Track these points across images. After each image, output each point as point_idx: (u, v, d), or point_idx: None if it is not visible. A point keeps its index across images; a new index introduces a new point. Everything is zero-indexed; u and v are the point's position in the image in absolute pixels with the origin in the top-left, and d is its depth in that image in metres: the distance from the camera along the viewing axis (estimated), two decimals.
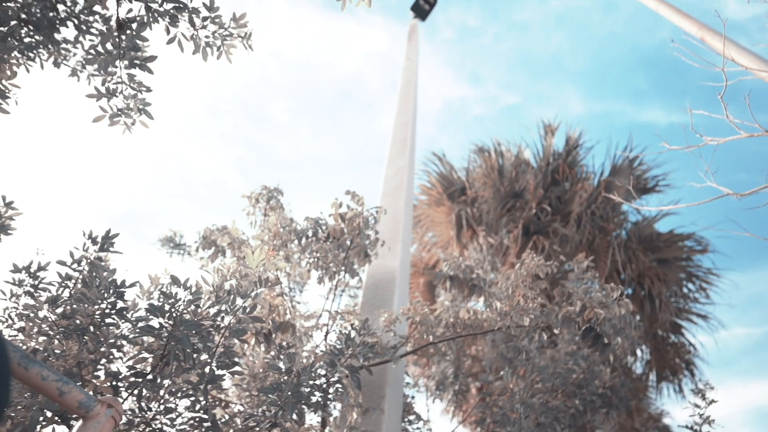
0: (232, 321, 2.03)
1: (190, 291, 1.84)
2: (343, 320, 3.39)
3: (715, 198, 2.72)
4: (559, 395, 3.25)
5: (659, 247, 9.15)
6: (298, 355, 2.10)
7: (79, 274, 2.49)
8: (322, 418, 2.84)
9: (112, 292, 2.01)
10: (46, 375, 1.24)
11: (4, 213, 2.65)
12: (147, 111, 3.25)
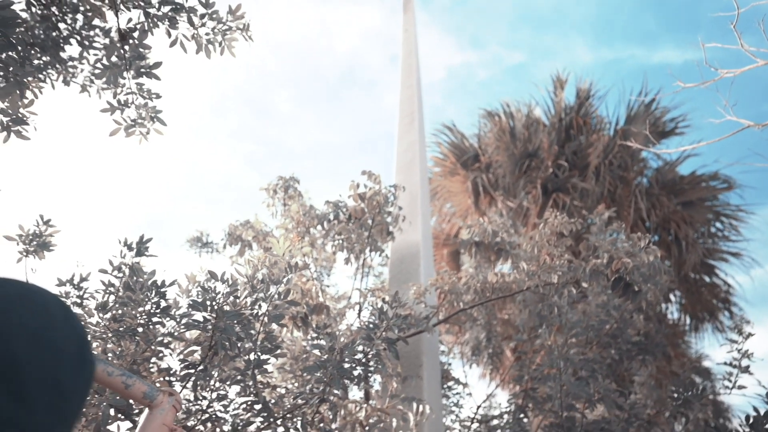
0: (269, 308, 2.12)
1: (227, 284, 1.93)
2: (373, 297, 3.48)
3: (736, 132, 2.66)
4: (594, 347, 3.29)
5: (683, 190, 8.96)
6: (337, 333, 2.19)
7: (120, 281, 2.62)
8: (365, 390, 2.96)
9: (155, 293, 2.12)
10: (111, 371, 1.34)
11: (44, 231, 2.79)
12: (160, 118, 3.31)
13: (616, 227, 3.04)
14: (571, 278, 2.63)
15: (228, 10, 3.06)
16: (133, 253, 2.64)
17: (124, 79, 3.27)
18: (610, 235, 3.12)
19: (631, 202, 8.60)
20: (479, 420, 4.92)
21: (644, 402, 3.43)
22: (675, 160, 8.97)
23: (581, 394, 2.76)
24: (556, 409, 2.84)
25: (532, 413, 4.51)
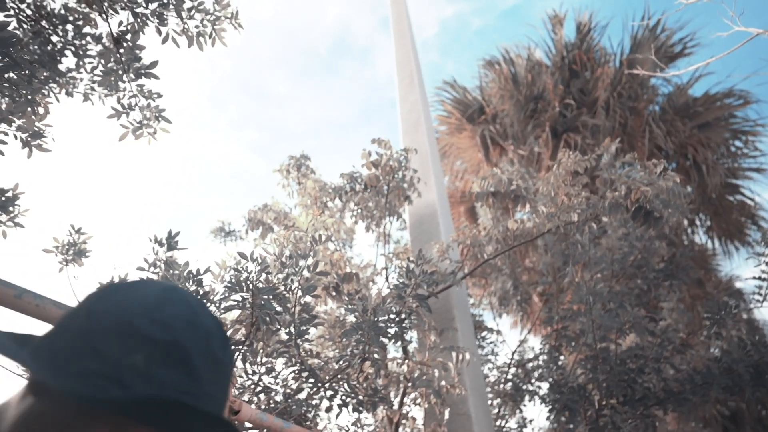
0: (300, 281, 2.22)
1: (257, 263, 2.02)
2: (398, 260, 3.56)
3: (745, 42, 2.58)
4: (620, 280, 3.33)
5: (697, 113, 8.71)
6: (368, 297, 2.28)
7: (157, 275, 2.75)
8: (403, 348, 3.09)
9: (192, 282, 2.23)
10: None
11: (78, 240, 2.92)
12: (164, 117, 3.35)
13: (629, 158, 3.01)
14: (591, 214, 2.65)
15: (214, 0, 3.04)
16: (164, 249, 2.76)
17: (124, 82, 3.31)
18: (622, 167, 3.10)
19: (644, 132, 8.41)
20: (515, 365, 5.07)
21: (675, 326, 3.49)
22: (686, 82, 8.68)
23: (612, 326, 2.83)
24: (590, 342, 2.92)
25: (566, 351, 4.63)
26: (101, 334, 0.43)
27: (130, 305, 0.45)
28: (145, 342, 0.43)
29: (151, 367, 0.42)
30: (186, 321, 0.45)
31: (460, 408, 2.98)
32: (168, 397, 0.41)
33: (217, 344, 0.47)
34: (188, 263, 2.24)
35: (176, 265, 2.33)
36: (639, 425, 3.24)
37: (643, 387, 3.10)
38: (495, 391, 4.92)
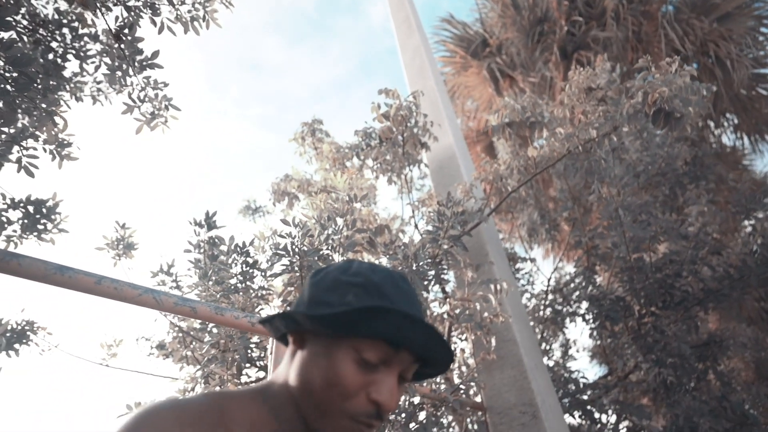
0: (341, 239, 2.34)
1: (299, 228, 2.14)
2: (424, 207, 3.64)
3: None
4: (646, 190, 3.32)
5: (715, 5, 8.17)
6: (408, 244, 2.39)
7: (203, 255, 2.93)
8: (442, 288, 3.23)
9: (239, 255, 2.39)
10: (237, 315, 1.62)
11: (124, 235, 3.12)
12: (173, 105, 3.42)
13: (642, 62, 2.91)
14: (610, 127, 2.62)
15: None
16: (205, 229, 2.92)
17: (131, 76, 3.37)
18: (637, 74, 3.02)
19: (660, 37, 7.99)
20: (552, 291, 5.21)
21: (708, 228, 3.50)
22: None
23: (644, 236, 2.88)
24: (623, 255, 2.98)
25: (601, 269, 4.72)
26: (324, 290, 0.67)
27: (333, 271, 0.69)
28: (350, 286, 0.66)
29: (359, 298, 0.64)
30: (370, 270, 0.68)
31: (505, 335, 3.14)
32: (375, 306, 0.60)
33: (398, 279, 0.69)
34: (233, 237, 2.38)
35: (221, 241, 2.48)
36: (681, 327, 3.35)
37: (681, 290, 3.17)
38: (535, 318, 5.10)
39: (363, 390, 0.62)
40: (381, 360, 0.63)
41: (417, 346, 0.63)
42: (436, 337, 0.62)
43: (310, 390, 0.64)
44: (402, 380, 0.66)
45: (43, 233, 3.12)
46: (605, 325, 3.86)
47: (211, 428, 0.61)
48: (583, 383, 4.19)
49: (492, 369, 3.15)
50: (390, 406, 0.62)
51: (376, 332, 0.62)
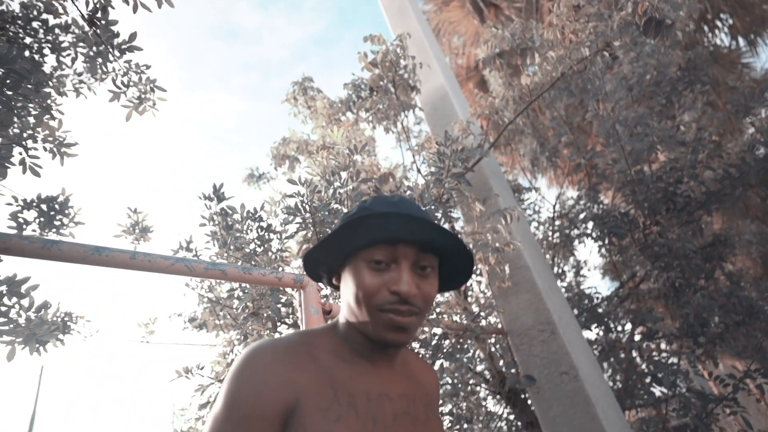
0: (347, 191, 2.41)
1: (306, 185, 2.20)
2: (423, 150, 3.67)
3: None
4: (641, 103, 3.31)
5: None
6: (413, 187, 2.46)
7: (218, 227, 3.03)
8: (451, 226, 3.33)
9: (253, 220, 2.48)
10: (264, 272, 1.73)
11: (138, 219, 3.21)
12: (158, 86, 3.39)
13: None
14: (602, 43, 2.59)
15: None
16: (215, 202, 3.00)
17: (111, 62, 3.32)
18: None
19: None
20: (559, 216, 5.31)
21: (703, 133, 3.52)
22: None
23: (642, 147, 2.91)
24: (624, 170, 3.03)
25: (604, 188, 4.79)
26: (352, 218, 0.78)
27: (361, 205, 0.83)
28: (343, 216, 0.82)
29: (345, 218, 0.81)
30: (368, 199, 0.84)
31: (517, 262, 3.27)
32: (353, 219, 0.74)
33: (389, 197, 0.82)
34: (244, 205, 2.46)
35: (233, 210, 2.56)
36: (685, 231, 3.46)
37: (683, 196, 3.25)
38: (545, 245, 5.24)
39: (384, 287, 0.75)
40: (388, 259, 0.76)
41: (406, 234, 0.75)
42: (419, 221, 0.73)
43: (353, 307, 0.78)
44: (422, 270, 0.78)
45: (61, 228, 3.22)
46: (612, 241, 3.98)
47: (299, 356, 0.76)
48: (597, 298, 4.38)
49: (508, 295, 3.31)
50: (408, 292, 0.73)
51: (366, 238, 0.76)
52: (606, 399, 3.02)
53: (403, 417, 0.79)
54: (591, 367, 3.14)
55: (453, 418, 3.43)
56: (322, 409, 0.71)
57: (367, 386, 0.79)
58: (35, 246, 1.18)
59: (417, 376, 0.90)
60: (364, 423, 0.73)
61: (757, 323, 3.69)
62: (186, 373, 2.51)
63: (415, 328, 0.77)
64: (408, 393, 0.84)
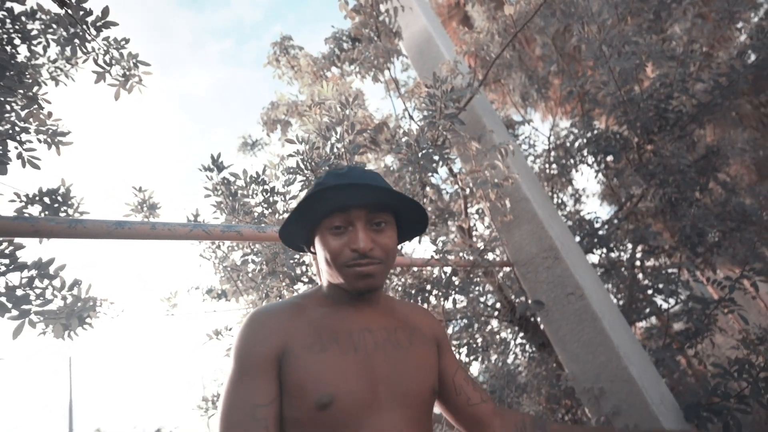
0: (345, 144, 2.45)
1: (304, 143, 2.25)
2: (414, 96, 3.66)
3: None
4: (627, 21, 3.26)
5: None
6: (408, 132, 2.50)
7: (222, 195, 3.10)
8: (448, 168, 3.40)
9: (257, 184, 2.54)
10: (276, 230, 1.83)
11: (145, 197, 3.27)
12: (141, 61, 3.33)
13: None
14: None
15: None
16: (215, 172, 3.05)
17: (89, 42, 3.25)
18: None
19: None
20: (554, 148, 5.35)
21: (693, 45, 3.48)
22: None
23: (629, 66, 2.91)
24: (613, 91, 3.04)
25: (596, 113, 4.80)
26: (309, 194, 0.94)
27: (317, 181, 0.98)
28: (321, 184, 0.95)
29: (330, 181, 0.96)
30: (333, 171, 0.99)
31: (517, 196, 3.36)
32: (304, 199, 0.91)
33: (340, 168, 0.97)
34: (246, 170, 2.51)
35: (236, 176, 2.62)
36: (679, 146, 3.52)
37: (675, 111, 3.27)
38: (542, 177, 5.31)
39: (345, 247, 0.91)
40: (344, 223, 0.92)
41: (355, 200, 0.91)
42: (363, 187, 0.89)
43: (326, 268, 0.95)
44: (377, 226, 0.93)
45: None
46: (608, 164, 4.04)
47: (288, 312, 0.93)
48: (597, 222, 4.51)
49: (511, 228, 3.42)
50: (365, 248, 0.89)
51: (323, 210, 0.92)
52: (611, 313, 3.20)
53: (383, 344, 0.93)
54: (595, 286, 3.31)
55: (469, 349, 3.65)
56: (307, 346, 0.86)
57: (349, 325, 0.93)
58: (62, 226, 1.25)
59: (405, 316, 1.04)
60: (346, 352, 0.87)
61: (751, 227, 3.83)
62: (216, 335, 2.67)
63: (379, 273, 0.92)
64: (388, 325, 0.98)
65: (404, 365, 0.91)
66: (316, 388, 0.81)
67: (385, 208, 0.93)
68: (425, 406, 0.91)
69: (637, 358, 3.04)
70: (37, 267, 2.58)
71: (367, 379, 0.86)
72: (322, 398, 0.81)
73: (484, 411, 1.03)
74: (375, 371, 0.87)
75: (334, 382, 0.82)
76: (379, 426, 0.83)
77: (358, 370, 0.86)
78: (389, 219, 0.94)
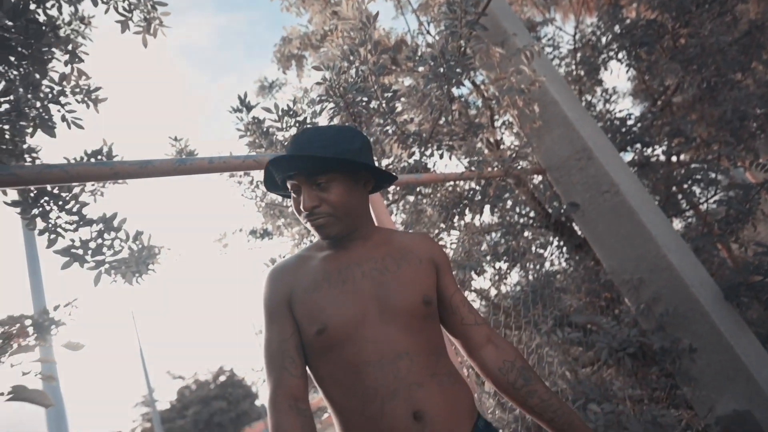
0: (369, 67, 2.45)
1: (331, 68, 2.26)
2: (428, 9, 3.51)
3: None
4: None
5: None
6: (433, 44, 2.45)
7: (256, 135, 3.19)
8: (471, 81, 3.33)
9: (290, 117, 2.60)
10: None
11: (183, 145, 3.41)
12: (158, 2, 3.26)
13: None
14: None
15: None
16: (245, 112, 3.12)
17: None
18: None
19: None
20: (581, 46, 5.07)
21: None
22: None
23: None
24: None
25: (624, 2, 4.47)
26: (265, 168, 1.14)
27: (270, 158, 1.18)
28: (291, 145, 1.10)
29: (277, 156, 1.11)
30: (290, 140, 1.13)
31: (545, 99, 3.29)
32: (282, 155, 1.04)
33: (295, 136, 1.10)
34: (277, 105, 2.56)
35: (268, 111, 2.67)
36: (718, 24, 3.30)
37: None
38: (569, 80, 5.10)
39: (300, 206, 1.08)
40: (296, 188, 1.07)
41: (292, 170, 1.05)
42: (294, 158, 1.03)
43: None
44: (319, 186, 1.05)
45: None
46: (640, 56, 3.85)
47: (294, 265, 1.13)
48: (629, 119, 4.38)
49: (541, 134, 3.40)
50: (306, 207, 1.04)
51: (278, 181, 1.11)
52: (648, 207, 3.22)
53: (370, 272, 1.07)
54: (630, 181, 3.31)
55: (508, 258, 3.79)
56: (305, 288, 1.06)
57: (339, 264, 1.09)
58: (135, 167, 1.38)
59: (399, 244, 1.16)
60: (335, 286, 1.04)
61: None
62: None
63: (331, 224, 1.06)
64: (376, 256, 1.10)
65: (391, 284, 1.05)
66: (312, 320, 1.02)
67: (326, 168, 1.04)
68: (418, 316, 1.03)
69: (676, 246, 3.10)
70: (103, 221, 2.81)
71: (356, 304, 1.02)
72: (318, 327, 1.00)
73: (476, 333, 1.13)
74: (363, 296, 1.03)
75: (325, 312, 1.01)
76: (372, 338, 0.98)
77: (346, 299, 1.02)
78: (332, 176, 1.04)
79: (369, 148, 1.13)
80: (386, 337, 0.98)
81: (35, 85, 2.97)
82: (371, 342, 0.98)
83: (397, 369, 0.95)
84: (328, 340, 0.99)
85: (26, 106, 2.93)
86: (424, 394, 0.95)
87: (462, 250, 2.68)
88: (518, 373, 1.09)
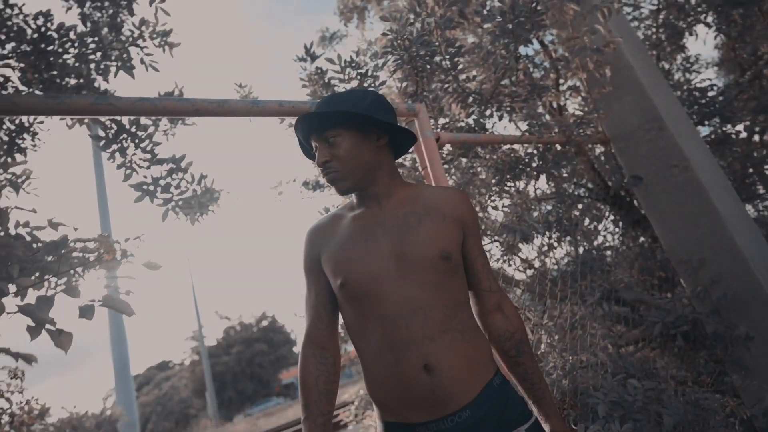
0: (435, 20, 2.40)
1: (397, 21, 2.24)
2: None
3: None
4: None
5: None
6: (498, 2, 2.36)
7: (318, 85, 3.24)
8: (540, 41, 3.16)
9: (352, 68, 2.62)
10: None
11: (247, 93, 3.53)
12: None
13: None
14: None
15: None
16: (309, 62, 3.16)
17: None
18: None
19: None
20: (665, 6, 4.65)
21: None
22: None
23: None
24: None
25: None
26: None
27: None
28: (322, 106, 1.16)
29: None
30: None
31: (619, 62, 3.09)
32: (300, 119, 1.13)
33: (326, 97, 1.16)
34: (340, 56, 2.58)
35: (331, 62, 2.70)
36: None
37: None
38: (648, 45, 4.73)
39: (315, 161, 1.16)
40: (314, 147, 1.16)
41: (308, 130, 1.15)
42: (310, 116, 1.10)
43: None
44: (328, 142, 1.11)
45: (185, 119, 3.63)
46: (734, 19, 3.49)
47: (325, 224, 1.21)
48: (711, 90, 4.04)
49: (610, 100, 3.22)
50: (318, 162, 1.12)
51: (302, 140, 1.21)
52: (719, 184, 3.03)
53: (391, 229, 1.11)
54: (703, 156, 3.10)
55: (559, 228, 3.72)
56: (333, 246, 1.15)
57: (364, 222, 1.14)
58: (213, 105, 1.47)
59: (426, 201, 1.17)
60: (357, 244, 1.11)
61: None
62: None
63: (341, 179, 1.11)
64: (398, 213, 1.14)
65: (410, 240, 1.08)
66: (336, 275, 1.11)
67: (334, 124, 1.10)
68: (436, 271, 1.07)
69: (745, 228, 2.91)
70: (173, 161, 3.01)
71: (376, 260, 1.08)
72: (341, 281, 1.09)
73: (488, 299, 1.18)
74: (383, 252, 1.08)
75: (345, 268, 1.10)
76: (390, 292, 1.05)
77: (366, 256, 1.09)
78: (340, 132, 1.10)
79: (382, 106, 1.15)
80: (403, 291, 1.04)
81: (118, 28, 3.14)
82: (389, 296, 1.04)
83: (410, 323, 1.02)
84: (349, 293, 1.09)
85: (110, 48, 3.12)
86: (435, 348, 1.01)
87: (514, 214, 2.66)
88: (513, 345, 1.16)
